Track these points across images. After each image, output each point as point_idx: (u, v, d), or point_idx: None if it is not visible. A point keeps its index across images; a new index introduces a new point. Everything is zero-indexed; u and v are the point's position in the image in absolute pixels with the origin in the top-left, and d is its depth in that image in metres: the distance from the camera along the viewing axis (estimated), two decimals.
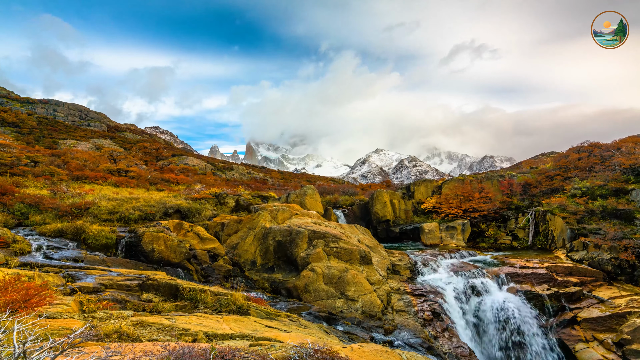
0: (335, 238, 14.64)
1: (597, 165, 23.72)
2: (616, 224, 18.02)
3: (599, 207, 19.40)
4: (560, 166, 25.90)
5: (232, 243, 16.25)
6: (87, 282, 8.39)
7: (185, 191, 23.87)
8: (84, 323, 5.07)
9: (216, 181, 39.06)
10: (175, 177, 33.32)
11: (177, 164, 50.46)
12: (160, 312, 7.33)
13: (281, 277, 13.95)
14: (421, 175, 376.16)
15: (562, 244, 19.63)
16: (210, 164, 58.93)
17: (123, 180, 26.38)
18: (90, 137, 56.78)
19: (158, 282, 8.82)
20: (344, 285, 12.45)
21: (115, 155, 37.62)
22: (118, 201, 17.80)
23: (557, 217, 20.30)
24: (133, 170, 31.17)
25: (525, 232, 22.71)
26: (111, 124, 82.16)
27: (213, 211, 20.21)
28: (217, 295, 8.69)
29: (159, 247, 12.82)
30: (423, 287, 14.15)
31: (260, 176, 61.38)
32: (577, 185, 21.95)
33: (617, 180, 20.86)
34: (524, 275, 15.19)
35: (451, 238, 22.10)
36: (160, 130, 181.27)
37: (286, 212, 17.67)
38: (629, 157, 21.55)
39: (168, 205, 18.41)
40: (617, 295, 14.25)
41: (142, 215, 16.72)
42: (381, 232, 25.00)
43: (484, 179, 26.84)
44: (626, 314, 12.91)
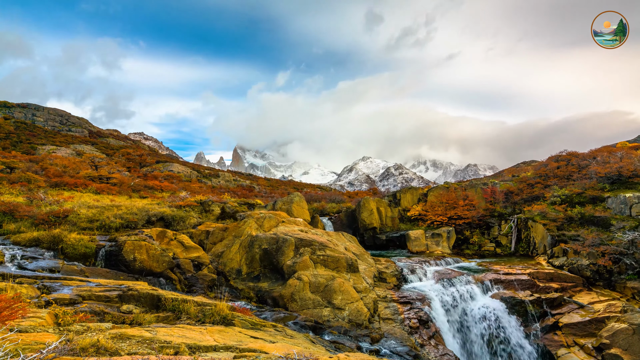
0: (322, 246, 14.57)
1: (575, 174, 24.57)
2: (594, 231, 18.62)
3: (577, 214, 20.03)
4: (541, 174, 26.70)
5: (217, 251, 15.95)
6: (64, 293, 8.05)
7: (169, 198, 23.39)
8: (58, 337, 4.84)
9: (201, 188, 38.48)
10: (160, 184, 32.65)
11: (161, 170, 49.53)
12: (141, 323, 7.08)
13: (267, 286, 13.74)
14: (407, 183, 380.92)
15: (543, 251, 20.11)
16: (196, 171, 58.09)
17: (104, 187, 25.66)
18: (71, 142, 55.21)
19: (139, 292, 8.54)
20: (331, 294, 12.36)
21: (97, 162, 36.64)
22: (99, 209, 17.27)
23: (538, 224, 20.83)
24: (115, 177, 30.38)
25: (508, 239, 23.18)
26: (93, 129, 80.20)
27: (198, 219, 19.84)
28: (201, 306, 8.47)
29: (140, 257, 12.46)
30: (409, 294, 14.20)
31: (246, 183, 60.86)
32: (557, 193, 22.63)
33: (594, 188, 21.64)
34: (507, 282, 15.45)
35: (437, 245, 22.33)
36: (144, 136, 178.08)
37: (273, 219, 17.51)
38: (604, 166, 22.42)
39: (151, 212, 17.98)
40: (595, 300, 14.65)
41: (124, 223, 16.26)
42: (368, 240, 25.05)
43: (468, 187, 27.37)
44: (605, 318, 13.27)
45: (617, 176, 21.49)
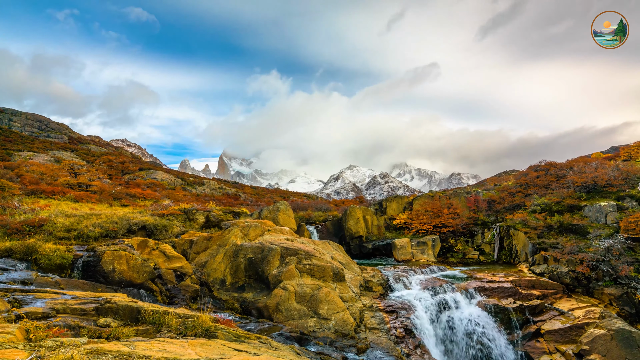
0: (308, 255, 14.45)
1: (554, 183, 25.37)
2: (572, 238, 19.18)
3: (556, 223, 20.61)
4: (521, 183, 27.46)
5: (200, 261, 15.60)
6: (36, 306, 7.67)
7: (152, 207, 22.83)
8: (29, 354, 4.58)
9: (186, 196, 37.77)
10: (142, 192, 31.88)
11: (144, 178, 48.43)
12: (119, 338, 6.80)
13: (252, 296, 13.48)
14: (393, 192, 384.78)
15: (525, 258, 20.55)
16: (180, 179, 57.08)
17: (84, 195, 24.85)
18: (50, 148, 53.45)
19: (117, 305, 8.22)
20: (317, 304, 12.22)
21: (77, 169, 35.55)
22: (77, 217, 16.68)
23: (519, 232, 21.32)
24: (95, 185, 29.50)
25: (491, 246, 23.60)
26: (73, 135, 77.97)
27: (181, 228, 19.41)
28: (183, 318, 8.22)
29: (120, 267, 12.04)
30: (395, 303, 14.19)
31: (232, 191, 60.15)
32: (537, 202, 23.28)
33: (571, 197, 22.37)
34: (491, 289, 15.66)
35: (422, 253, 22.51)
36: (127, 142, 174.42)
37: (258, 228, 17.31)
38: (581, 176, 23.25)
39: (132, 221, 17.48)
40: (575, 307, 15.00)
41: (104, 232, 15.74)
42: (354, 248, 25.03)
43: (452, 196, 27.84)
44: (584, 325, 13.58)
45: (592, 185, 22.30)
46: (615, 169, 22.84)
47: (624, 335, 12.56)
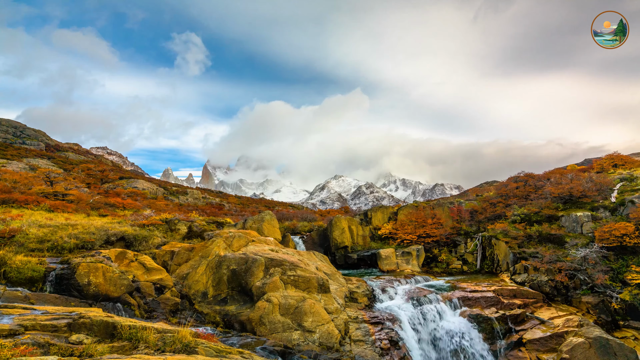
0: (292, 266, 14.27)
1: (532, 194, 26.15)
2: (551, 248, 19.72)
3: (535, 232, 21.17)
4: (502, 194, 28.15)
5: (182, 273, 15.16)
6: (3, 323, 7.21)
7: (132, 217, 22.14)
8: None
9: (168, 206, 36.89)
10: (122, 202, 30.93)
11: (125, 187, 47.10)
12: (92, 355, 6.45)
13: (234, 309, 13.15)
14: (378, 202, 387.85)
15: (507, 268, 20.94)
16: (163, 188, 55.83)
17: (59, 205, 23.90)
18: (25, 156, 51.42)
19: (92, 320, 7.84)
20: (301, 316, 12.02)
21: (53, 177, 34.27)
22: (51, 228, 15.98)
23: (501, 241, 21.76)
24: (73, 194, 28.45)
25: (474, 256, 23.96)
26: (51, 142, 75.37)
27: (162, 239, 18.87)
28: (161, 333, 7.90)
29: (96, 280, 11.54)
30: (380, 314, 14.12)
31: (216, 201, 59.21)
32: (517, 212, 23.89)
33: (549, 207, 23.08)
34: (474, 299, 15.83)
35: (407, 263, 22.61)
36: (107, 150, 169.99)
37: (242, 239, 17.02)
38: (557, 187, 24.07)
39: (111, 232, 16.89)
40: (555, 315, 15.31)
41: (80, 243, 15.11)
42: (339, 259, 24.92)
43: (436, 206, 28.25)
44: (564, 333, 13.86)
45: (568, 196, 23.10)
46: (589, 180, 23.77)
47: (602, 344, 12.87)
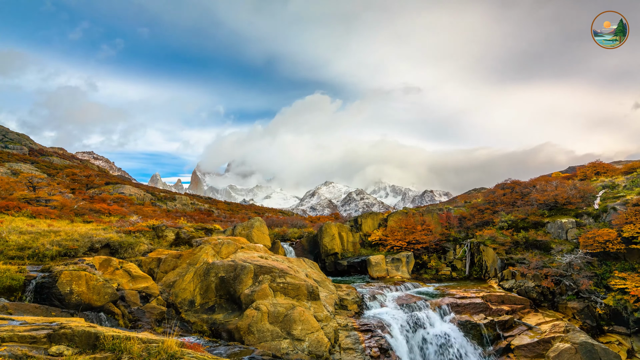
0: (282, 273, 14.13)
1: (519, 201, 26.61)
2: (537, 254, 20.03)
3: (522, 239, 21.50)
4: (489, 201, 28.58)
5: (168, 281, 14.84)
6: None
7: (117, 223, 21.66)
8: None
9: (155, 212, 36.27)
10: (108, 208, 30.27)
11: (111, 192, 46.15)
12: None
13: (222, 317, 12.91)
14: (368, 208, 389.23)
15: (495, 274, 21.16)
16: (150, 194, 54.90)
17: (42, 211, 23.24)
18: (7, 160, 49.98)
19: (73, 330, 7.57)
20: (291, 324, 11.87)
21: (36, 182, 33.36)
22: (32, 235, 15.51)
23: (488, 248, 22.02)
24: (56, 199, 27.72)
25: (462, 262, 24.16)
26: (35, 146, 73.51)
27: (149, 245, 18.48)
28: (146, 343, 7.68)
29: (78, 289, 11.19)
30: (370, 322, 14.05)
31: (205, 207, 58.51)
32: (504, 219, 24.25)
33: (535, 214, 23.51)
34: (463, 306, 15.91)
35: (397, 270, 22.65)
36: (94, 155, 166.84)
37: (231, 245, 16.80)
38: (543, 194, 24.56)
39: (95, 239, 16.47)
40: (542, 321, 15.50)
41: (62, 251, 14.69)
42: (329, 266, 24.81)
43: (425, 212, 28.48)
44: (551, 339, 14.02)
45: (554, 203, 23.58)
46: (573, 187, 24.34)
47: (587, 349, 13.07)
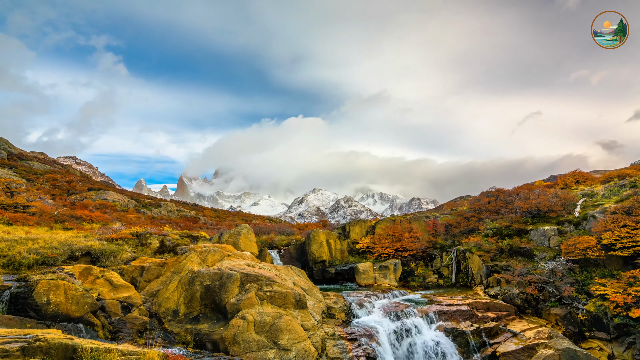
0: (269, 281, 13.94)
1: (503, 208, 27.14)
2: (521, 261, 20.39)
3: (507, 246, 21.88)
4: (475, 208, 29.05)
5: (152, 290, 14.43)
6: None
7: (99, 230, 21.05)
8: None
9: (139, 219, 35.45)
10: (89, 214, 29.41)
11: (93, 199, 44.95)
12: None
13: (207, 327, 12.61)
14: (356, 215, 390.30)
15: (480, 281, 21.41)
16: (135, 200, 53.72)
17: (19, 217, 22.39)
18: None
19: (49, 343, 7.25)
20: (277, 333, 11.68)
21: (14, 188, 32.19)
22: (8, 242, 14.89)
23: (474, 255, 22.31)
24: (35, 206, 26.78)
25: (449, 270, 24.38)
26: (14, 150, 71.13)
27: (132, 253, 17.98)
28: (126, 355, 7.42)
29: (56, 299, 10.76)
30: (358, 330, 13.97)
31: (191, 214, 57.56)
32: (489, 226, 24.66)
33: (519, 221, 24.00)
34: (450, 313, 16.01)
35: (384, 278, 22.66)
36: (76, 160, 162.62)
37: (217, 253, 16.51)
38: (526, 202, 25.13)
39: (75, 246, 15.93)
40: (526, 328, 15.71)
41: (40, 259, 14.13)
42: (317, 273, 24.65)
43: (413, 220, 28.72)
44: (535, 345, 14.21)
45: (536, 211, 24.15)
46: (554, 195, 25.00)
47: (570, 355, 13.29)
